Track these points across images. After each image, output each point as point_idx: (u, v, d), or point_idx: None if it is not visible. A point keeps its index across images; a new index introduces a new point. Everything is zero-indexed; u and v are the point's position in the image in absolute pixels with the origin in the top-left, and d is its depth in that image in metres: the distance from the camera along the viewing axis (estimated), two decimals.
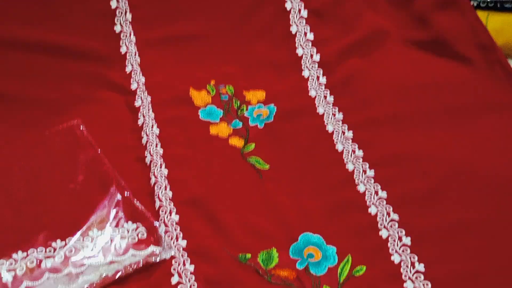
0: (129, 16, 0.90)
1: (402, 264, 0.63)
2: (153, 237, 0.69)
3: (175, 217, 0.71)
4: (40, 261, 0.66)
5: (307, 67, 0.88)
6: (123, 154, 0.78)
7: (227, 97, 0.86)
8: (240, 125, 0.83)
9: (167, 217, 0.71)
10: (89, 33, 0.89)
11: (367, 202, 0.71)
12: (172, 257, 0.67)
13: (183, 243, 0.67)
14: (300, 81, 0.87)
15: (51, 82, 0.87)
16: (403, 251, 0.65)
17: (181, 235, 0.69)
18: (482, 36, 0.88)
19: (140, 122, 0.82)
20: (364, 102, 0.84)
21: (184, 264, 0.66)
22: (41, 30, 0.88)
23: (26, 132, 0.81)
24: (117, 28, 0.90)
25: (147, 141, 0.80)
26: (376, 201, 0.71)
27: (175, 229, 0.70)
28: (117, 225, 0.70)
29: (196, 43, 0.91)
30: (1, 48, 0.87)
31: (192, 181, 0.74)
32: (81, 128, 0.82)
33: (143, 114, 0.83)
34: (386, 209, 0.70)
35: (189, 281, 0.64)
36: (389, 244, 0.66)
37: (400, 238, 0.67)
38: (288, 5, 0.89)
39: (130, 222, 0.70)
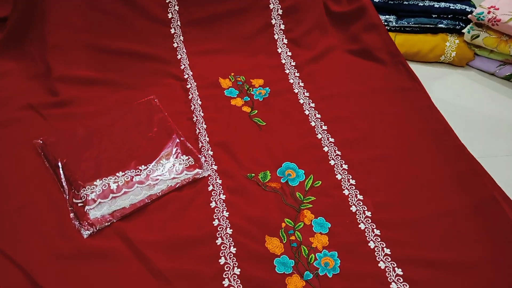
0: (181, 38, 1.19)
1: (342, 180, 0.93)
2: (198, 164, 0.95)
3: (210, 153, 0.97)
4: (132, 177, 0.90)
5: (287, 68, 1.19)
6: (179, 116, 1.05)
7: (241, 82, 1.15)
8: (248, 99, 1.12)
9: (205, 152, 0.98)
10: (159, 47, 1.18)
11: (322, 145, 1.00)
12: (209, 175, 0.93)
13: (215, 167, 0.95)
14: (283, 75, 1.17)
15: (136, 74, 1.14)
16: (344, 172, 0.94)
17: (214, 163, 0.96)
18: (391, 47, 1.20)
19: (189, 97, 1.11)
20: (320, 86, 1.13)
21: (215, 179, 0.92)
22: (127, 41, 1.15)
23: (121, 104, 1.07)
24: (175, 45, 1.20)
25: (194, 108, 1.08)
26: (328, 144, 1.00)
27: (210, 159, 0.96)
28: (176, 157, 0.95)
29: (224, 53, 1.21)
30: (101, 53, 1.13)
31: (220, 131, 1.02)
32: (155, 101, 1.07)
33: (191, 92, 1.12)
34: (334, 149, 0.98)
35: (218, 189, 0.91)
36: (335, 168, 0.95)
37: (341, 165, 0.95)
38: (275, 36, 1.23)
39: (184, 155, 0.96)
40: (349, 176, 0.93)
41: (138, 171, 0.92)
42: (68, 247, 0.79)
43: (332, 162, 0.96)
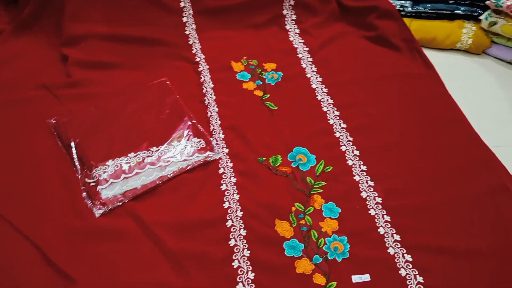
0: (194, 26, 1.20)
1: (353, 166, 0.93)
2: (209, 147, 0.95)
3: (221, 136, 0.98)
4: (144, 158, 0.91)
5: (300, 52, 1.18)
6: (191, 98, 1.06)
7: (253, 66, 1.15)
8: (261, 83, 1.12)
9: (217, 135, 0.98)
10: (171, 34, 1.19)
11: (334, 130, 1.00)
12: (220, 159, 0.94)
13: (226, 150, 0.95)
14: (296, 59, 1.17)
15: (148, 57, 1.15)
16: (355, 158, 0.94)
17: (225, 146, 0.96)
18: (406, 33, 1.18)
19: (201, 80, 1.11)
20: (334, 71, 1.12)
21: (226, 163, 0.93)
22: (140, 28, 1.17)
23: (134, 85, 1.07)
24: (187, 32, 1.20)
25: (205, 91, 1.08)
26: (340, 129, 0.99)
27: (221, 142, 0.97)
28: (188, 139, 0.95)
29: (236, 39, 1.22)
30: (114, 39, 1.15)
31: (232, 115, 1.02)
32: (167, 83, 1.07)
33: (203, 75, 1.12)
34: (345, 135, 0.98)
35: (229, 172, 0.91)
36: (346, 154, 0.95)
37: (352, 151, 0.95)
38: (287, 26, 1.23)
39: (195, 138, 0.96)
40: (360, 162, 0.93)
41: (149, 153, 0.93)
42: (81, 226, 0.81)
43: (343, 148, 0.96)
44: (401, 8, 1.34)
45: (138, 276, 0.75)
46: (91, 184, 0.87)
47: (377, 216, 0.84)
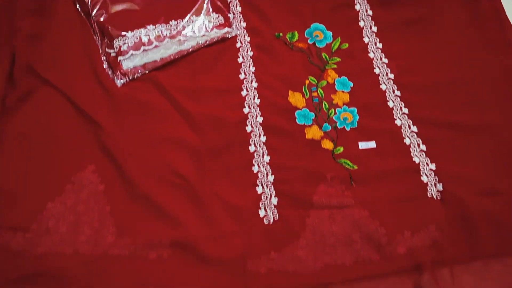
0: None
1: (369, 43, 0.92)
2: (228, 23, 0.95)
3: (239, 9, 0.97)
4: (162, 31, 0.91)
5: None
6: None
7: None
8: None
9: (234, 8, 0.97)
10: None
11: (355, 2, 0.97)
12: (236, 35, 0.94)
13: (243, 25, 0.95)
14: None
15: None
16: (372, 35, 0.93)
17: (243, 20, 0.96)
18: None
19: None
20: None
21: (243, 37, 0.93)
22: None
23: None
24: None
25: None
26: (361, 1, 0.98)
27: (239, 16, 0.96)
28: (207, 14, 0.95)
29: None
30: None
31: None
32: None
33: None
34: (366, 7, 0.96)
35: (246, 46, 0.92)
36: (363, 30, 0.94)
37: (370, 27, 0.94)
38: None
39: (214, 13, 0.95)
40: (377, 39, 0.93)
41: (168, 26, 0.93)
42: (104, 94, 0.85)
43: (361, 24, 0.96)
44: None
45: (159, 131, 0.80)
46: (112, 54, 0.89)
47: (388, 90, 0.86)
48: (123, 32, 0.90)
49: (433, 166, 0.77)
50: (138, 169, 0.76)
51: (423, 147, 0.79)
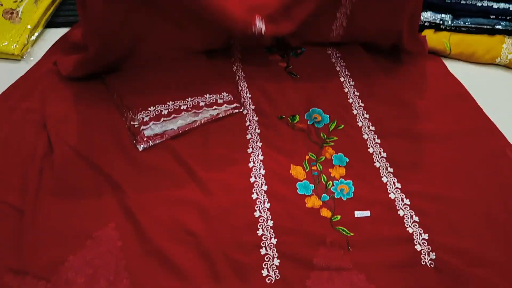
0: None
1: (362, 127, 1.05)
2: (237, 101, 1.07)
3: (249, 95, 1.11)
4: (180, 106, 1.03)
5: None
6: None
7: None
8: (285, 56, 1.24)
9: (244, 95, 1.11)
10: None
11: (348, 97, 1.12)
12: (246, 113, 1.07)
13: (252, 107, 1.08)
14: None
15: None
16: (364, 120, 1.05)
17: (251, 103, 1.09)
18: None
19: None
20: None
21: (252, 117, 1.06)
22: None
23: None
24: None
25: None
26: (353, 96, 1.12)
27: (248, 100, 1.09)
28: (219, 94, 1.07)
29: None
30: None
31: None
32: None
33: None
34: (358, 101, 1.10)
35: (254, 125, 1.04)
36: (357, 118, 1.07)
37: (363, 115, 1.07)
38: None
39: (225, 93, 1.08)
40: (370, 124, 1.05)
41: (185, 101, 1.06)
42: (126, 157, 0.96)
43: (354, 112, 1.08)
44: (441, 22, 1.30)
45: (174, 193, 0.89)
46: (135, 125, 1.01)
47: (381, 168, 0.96)
48: (146, 108, 1.03)
49: (426, 236, 0.84)
50: (153, 227, 0.84)
51: (416, 218, 0.87)
